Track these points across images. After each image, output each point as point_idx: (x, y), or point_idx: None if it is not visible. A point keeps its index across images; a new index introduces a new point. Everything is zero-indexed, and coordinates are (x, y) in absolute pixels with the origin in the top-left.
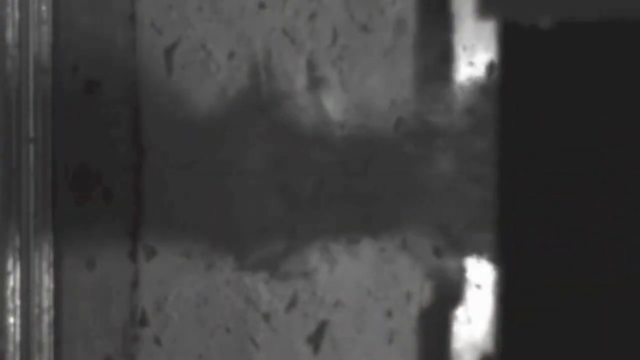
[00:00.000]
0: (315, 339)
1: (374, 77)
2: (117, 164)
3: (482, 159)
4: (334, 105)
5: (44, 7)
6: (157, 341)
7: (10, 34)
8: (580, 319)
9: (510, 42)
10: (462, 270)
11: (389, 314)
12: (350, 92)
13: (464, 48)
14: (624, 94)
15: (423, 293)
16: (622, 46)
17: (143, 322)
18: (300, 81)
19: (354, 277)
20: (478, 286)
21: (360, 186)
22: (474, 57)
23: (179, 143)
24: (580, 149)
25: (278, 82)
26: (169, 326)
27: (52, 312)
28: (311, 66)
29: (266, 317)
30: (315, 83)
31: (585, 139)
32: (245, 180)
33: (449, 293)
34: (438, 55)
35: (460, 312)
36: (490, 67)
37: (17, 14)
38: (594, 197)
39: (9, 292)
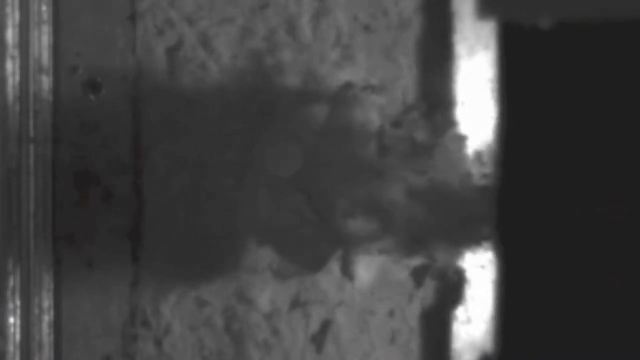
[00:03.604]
0: (319, 339)
1: (376, 76)
2: (117, 164)
3: (483, 158)
4: (339, 106)
5: (44, 7)
6: (157, 341)
7: (10, 34)
8: (580, 319)
9: (510, 41)
10: (462, 270)
11: (391, 313)
12: (354, 91)
13: (464, 47)
14: (624, 94)
15: (424, 293)
16: (622, 46)
17: (143, 322)
18: (303, 81)
19: (357, 278)
20: (478, 286)
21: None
22: (474, 56)
23: (180, 143)
24: (580, 149)
25: (281, 82)
26: (169, 326)
27: (52, 312)
28: (315, 66)
29: (268, 317)
30: (319, 83)
31: (585, 138)
32: (248, 180)
33: (449, 293)
34: (439, 54)
35: (460, 312)
36: (490, 67)
37: (17, 14)
38: (595, 196)
39: (9, 292)
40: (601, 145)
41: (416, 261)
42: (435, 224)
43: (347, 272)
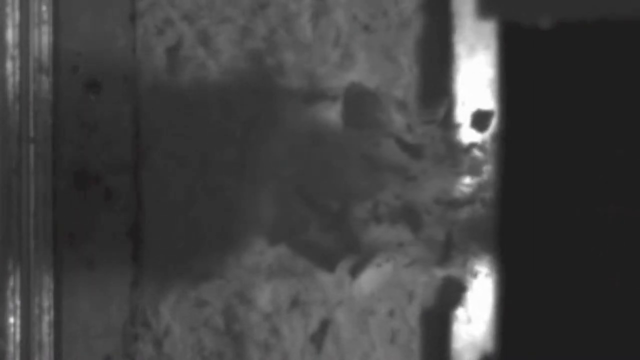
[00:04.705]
0: (319, 338)
1: (376, 76)
2: (117, 164)
3: (483, 158)
4: (340, 105)
5: (44, 7)
6: (157, 341)
7: (10, 34)
8: (580, 319)
9: (510, 41)
10: (462, 271)
11: (391, 313)
12: (353, 92)
13: (464, 47)
14: (624, 94)
15: (424, 293)
16: (622, 46)
17: (143, 322)
18: (304, 81)
19: (356, 277)
20: (478, 286)
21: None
22: (474, 56)
23: (180, 143)
24: (580, 148)
25: (281, 82)
26: (169, 326)
27: (52, 312)
28: (315, 66)
29: (268, 317)
30: (319, 82)
31: (585, 138)
32: (248, 181)
33: (450, 293)
34: (439, 54)
35: (460, 312)
36: (490, 67)
37: (17, 14)
38: (595, 197)
39: (9, 292)
40: (601, 145)
41: (443, 270)
42: (437, 224)
43: (355, 274)
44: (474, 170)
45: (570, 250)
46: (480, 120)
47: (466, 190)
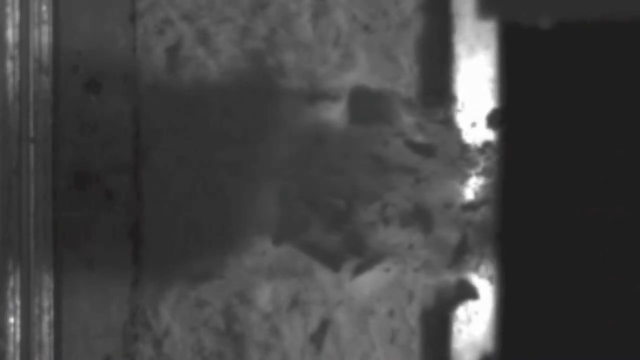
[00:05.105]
0: (318, 338)
1: (376, 76)
2: (117, 164)
3: (483, 158)
4: (340, 105)
5: (44, 7)
6: (157, 342)
7: (10, 34)
8: (580, 319)
9: (510, 41)
10: (462, 271)
11: (391, 313)
12: (353, 91)
13: (464, 47)
14: (624, 94)
15: (424, 293)
16: (622, 46)
17: (143, 322)
18: (304, 81)
19: (357, 277)
20: (478, 286)
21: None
22: (474, 56)
23: (180, 143)
24: (580, 148)
25: (282, 83)
26: (169, 326)
27: (52, 312)
28: (315, 66)
29: (268, 317)
30: (319, 83)
31: (585, 138)
32: (248, 181)
33: (450, 293)
34: (439, 55)
35: (460, 312)
36: (490, 67)
37: (17, 14)
38: (595, 197)
39: (9, 292)
40: (601, 145)
41: (453, 273)
42: (437, 224)
43: (357, 274)
44: (485, 171)
45: (570, 250)
46: (488, 119)
47: (474, 190)
